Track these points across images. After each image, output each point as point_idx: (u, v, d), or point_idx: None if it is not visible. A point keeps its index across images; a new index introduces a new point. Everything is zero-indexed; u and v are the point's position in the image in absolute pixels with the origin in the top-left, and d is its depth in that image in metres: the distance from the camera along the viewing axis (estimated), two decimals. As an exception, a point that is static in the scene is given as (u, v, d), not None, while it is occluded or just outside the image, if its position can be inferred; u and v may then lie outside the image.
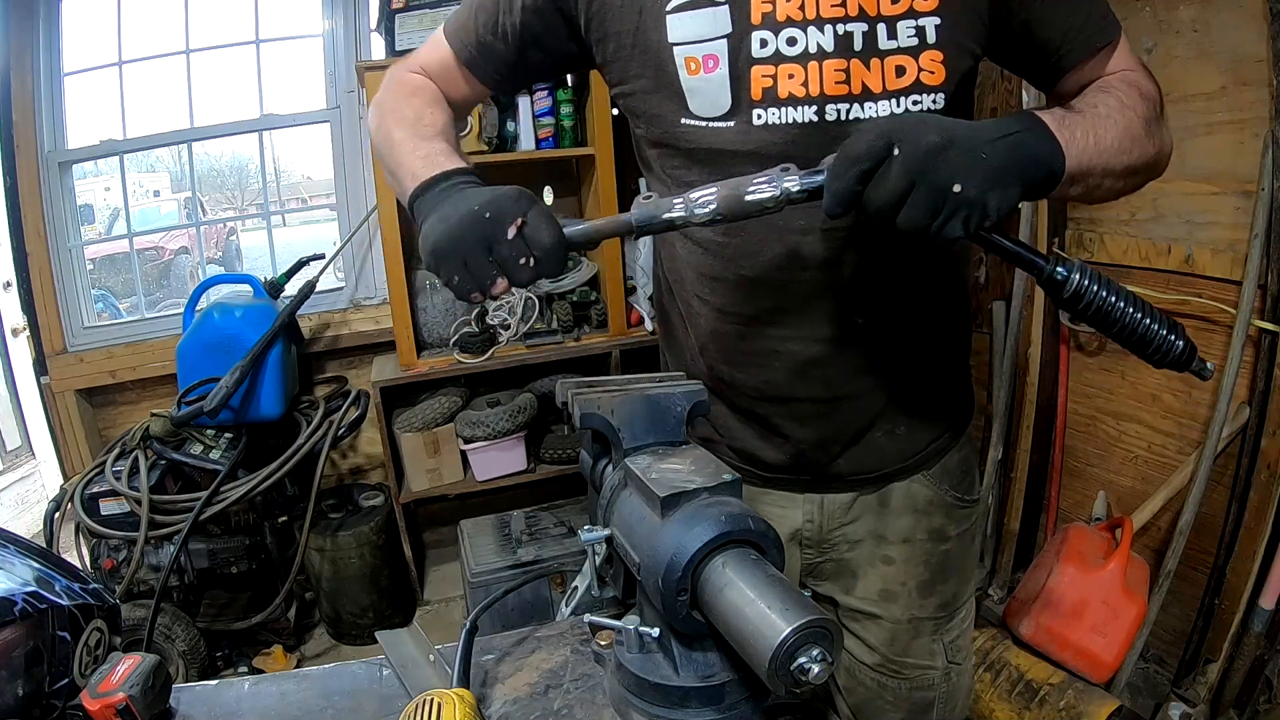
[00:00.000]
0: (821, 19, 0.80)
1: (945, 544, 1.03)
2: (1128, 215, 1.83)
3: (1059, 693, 1.60)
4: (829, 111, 0.81)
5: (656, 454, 0.74)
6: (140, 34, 2.60)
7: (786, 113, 0.82)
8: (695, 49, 0.83)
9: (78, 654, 0.83)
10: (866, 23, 0.79)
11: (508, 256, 0.72)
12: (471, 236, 0.71)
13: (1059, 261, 0.72)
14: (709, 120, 0.85)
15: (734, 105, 0.83)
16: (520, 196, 0.73)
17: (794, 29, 0.80)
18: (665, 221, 0.71)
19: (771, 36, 0.81)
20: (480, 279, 0.73)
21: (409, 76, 1.00)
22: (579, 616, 0.86)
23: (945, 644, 1.07)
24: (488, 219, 0.71)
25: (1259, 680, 1.64)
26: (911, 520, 1.01)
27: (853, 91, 0.81)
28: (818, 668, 0.53)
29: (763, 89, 0.82)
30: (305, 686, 0.84)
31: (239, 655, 2.31)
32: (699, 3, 0.82)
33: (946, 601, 1.06)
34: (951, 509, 1.03)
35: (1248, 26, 1.53)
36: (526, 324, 2.50)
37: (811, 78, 0.81)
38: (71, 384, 2.52)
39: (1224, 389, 1.62)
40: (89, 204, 5.04)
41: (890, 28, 0.79)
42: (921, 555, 1.02)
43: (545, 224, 0.72)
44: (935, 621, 1.05)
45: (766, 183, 0.70)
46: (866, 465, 0.98)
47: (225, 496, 2.11)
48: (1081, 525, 1.86)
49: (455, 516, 2.59)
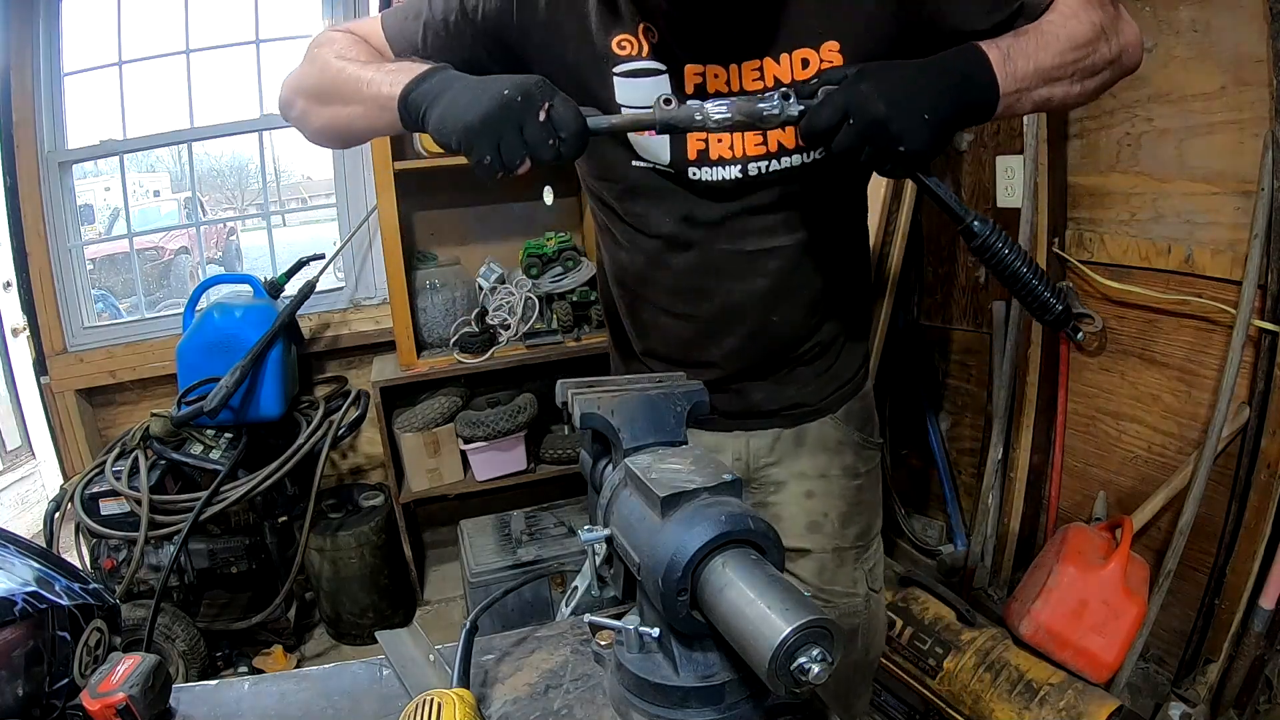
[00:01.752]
0: (745, 91, 0.91)
1: (857, 479, 1.19)
2: (1128, 215, 1.83)
3: (1059, 693, 1.60)
4: (751, 169, 0.95)
5: (656, 454, 0.74)
6: (140, 34, 2.60)
7: (717, 171, 0.95)
8: None
9: (78, 654, 0.83)
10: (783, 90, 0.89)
11: (538, 137, 0.77)
12: (505, 117, 0.76)
13: (978, 218, 0.85)
14: (655, 165, 0.97)
15: (674, 159, 0.96)
16: (543, 83, 0.79)
17: (723, 99, 0.89)
18: (685, 126, 0.81)
19: None
20: (510, 157, 0.77)
21: (339, 35, 1.01)
22: (579, 616, 0.87)
23: (865, 571, 1.23)
24: (520, 101, 0.76)
25: (1259, 680, 1.64)
26: (826, 458, 1.17)
27: (769, 150, 0.94)
28: (818, 668, 0.53)
29: (697, 151, 0.95)
30: (305, 686, 0.84)
31: (239, 655, 2.31)
32: (644, 71, 0.92)
33: (863, 532, 1.22)
34: (859, 448, 1.19)
35: (1248, 26, 1.53)
36: (526, 324, 2.50)
37: (736, 142, 0.94)
38: (71, 384, 2.52)
39: (1224, 389, 1.62)
40: (89, 204, 5.04)
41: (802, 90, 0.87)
42: (838, 490, 1.18)
43: (570, 110, 0.78)
44: (856, 550, 1.21)
45: (769, 104, 0.80)
46: (783, 399, 1.13)
47: (225, 496, 2.11)
48: (1081, 525, 1.86)
49: (455, 516, 2.59)
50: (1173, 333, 1.78)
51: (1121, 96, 1.80)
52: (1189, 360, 1.76)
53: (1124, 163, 1.83)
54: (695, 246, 1.01)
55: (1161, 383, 1.82)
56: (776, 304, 1.05)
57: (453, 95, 0.80)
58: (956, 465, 2.42)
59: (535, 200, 2.67)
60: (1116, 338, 1.91)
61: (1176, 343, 1.78)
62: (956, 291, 2.34)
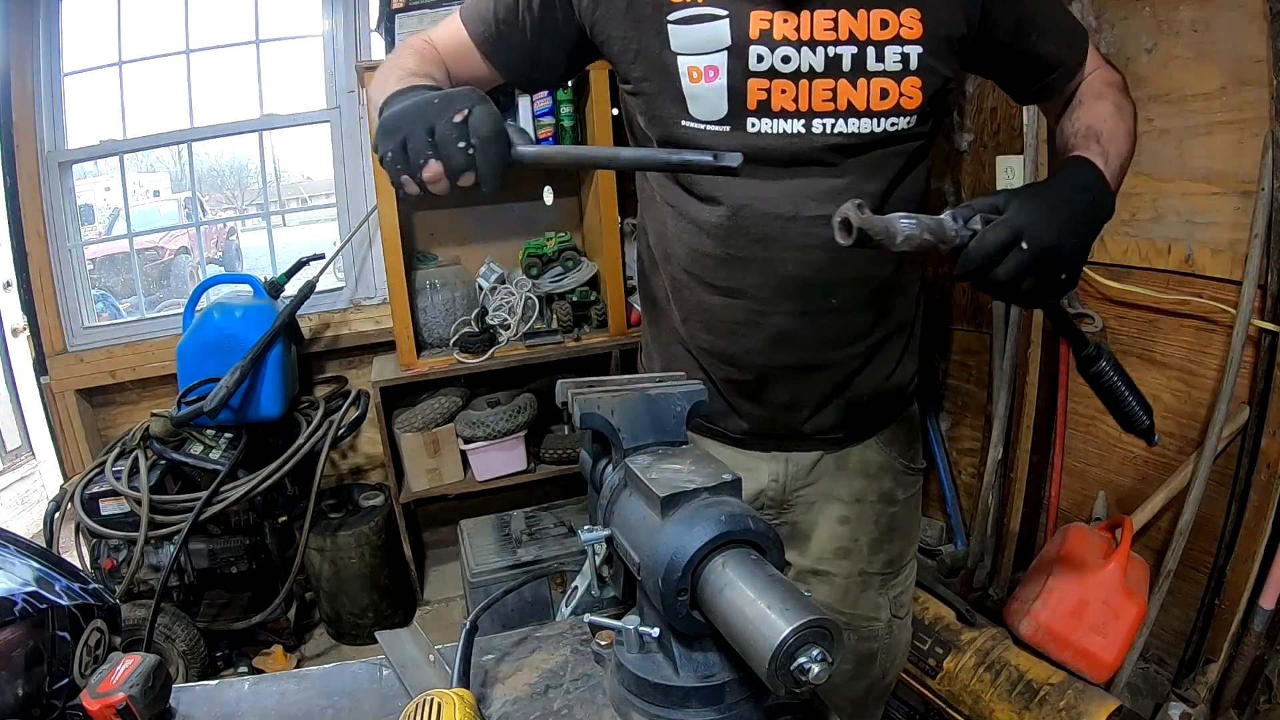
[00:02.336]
0: (815, 40, 0.87)
1: (894, 507, 1.15)
2: (1128, 215, 1.83)
3: (1059, 693, 1.60)
4: (815, 125, 0.90)
5: (656, 454, 0.74)
6: (140, 34, 2.60)
7: (778, 124, 0.90)
8: (697, 59, 0.89)
9: (78, 654, 0.83)
10: (856, 46, 0.87)
11: (447, 136, 0.72)
12: (416, 115, 0.74)
13: (1097, 347, 0.90)
14: (707, 124, 0.92)
15: (730, 112, 0.90)
16: (472, 92, 0.75)
17: (788, 48, 0.87)
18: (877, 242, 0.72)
19: (767, 53, 0.88)
20: (414, 158, 0.73)
21: (418, 41, 1.03)
22: (579, 616, 0.86)
23: (890, 598, 1.18)
24: (436, 103, 0.74)
25: (1259, 680, 1.64)
26: (864, 483, 1.12)
27: (838, 109, 0.89)
28: (818, 668, 0.53)
29: (757, 101, 0.89)
30: (305, 686, 0.84)
31: (239, 655, 2.31)
32: (701, 17, 0.88)
33: (893, 559, 1.17)
34: (899, 474, 1.15)
35: (1248, 26, 1.53)
36: (526, 324, 2.50)
37: (801, 94, 0.89)
38: (71, 384, 2.52)
39: (1224, 389, 1.62)
40: (89, 204, 5.04)
41: (879, 52, 0.87)
42: (872, 515, 1.13)
43: (490, 118, 0.73)
44: (883, 577, 1.16)
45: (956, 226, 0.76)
46: (830, 426, 1.08)
47: (225, 496, 2.11)
48: (1081, 525, 1.86)
49: (455, 516, 2.59)
50: (1173, 333, 1.78)
51: (1121, 96, 1.80)
52: (1189, 360, 1.76)
53: (1124, 163, 1.83)
54: (748, 209, 0.94)
55: (1161, 383, 1.82)
56: (834, 284, 0.97)
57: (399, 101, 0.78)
58: (956, 465, 2.42)
59: (535, 200, 2.67)
60: (1116, 338, 1.91)
61: (1176, 343, 1.78)
62: (957, 291, 2.34)
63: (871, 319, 1.03)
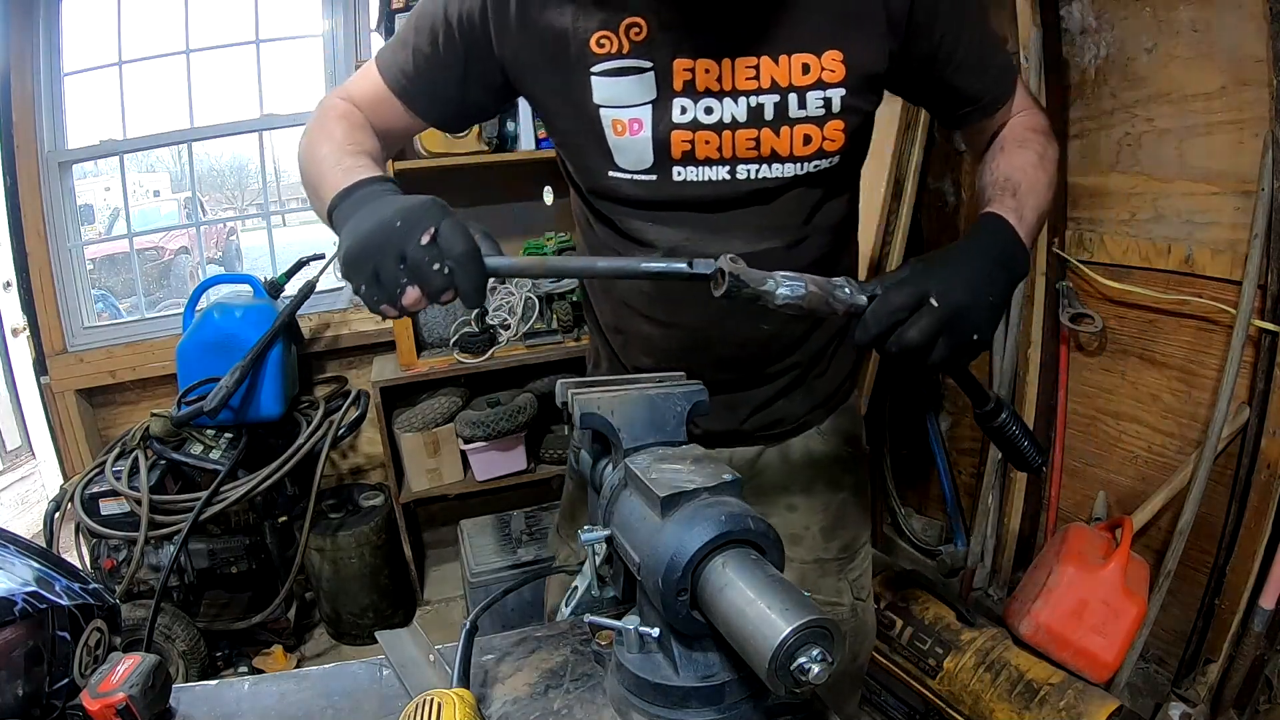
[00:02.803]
0: (737, 90, 0.87)
1: (842, 492, 1.17)
2: (1128, 215, 1.83)
3: (1059, 693, 1.60)
4: (740, 171, 0.91)
5: (656, 454, 0.74)
6: (140, 34, 2.60)
7: (703, 171, 0.91)
8: (621, 112, 0.89)
9: (78, 654, 0.83)
10: (779, 94, 0.87)
11: (420, 261, 0.70)
12: (381, 244, 0.71)
13: (997, 400, 0.92)
14: (634, 173, 0.93)
15: (656, 162, 0.91)
16: (433, 205, 0.72)
17: (711, 99, 0.88)
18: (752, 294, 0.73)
19: (691, 104, 0.88)
20: (390, 287, 0.71)
21: (337, 102, 0.99)
22: (579, 616, 0.86)
23: (850, 581, 1.20)
24: (398, 227, 0.70)
25: (1259, 680, 1.64)
26: (810, 472, 1.15)
27: (762, 155, 0.90)
28: (818, 668, 0.53)
29: (682, 151, 0.90)
30: (305, 686, 0.84)
31: (239, 655, 2.31)
32: (625, 69, 0.88)
33: (847, 544, 1.19)
34: (845, 460, 1.17)
35: (1248, 26, 1.52)
36: (526, 324, 2.50)
37: (725, 143, 0.89)
38: (71, 384, 2.52)
39: (1224, 389, 1.62)
40: (89, 204, 5.04)
41: (801, 99, 0.87)
42: (820, 504, 1.15)
43: (459, 234, 0.71)
44: (839, 562, 1.18)
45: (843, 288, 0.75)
46: (769, 423, 1.11)
47: (225, 496, 2.11)
48: (1081, 525, 1.86)
49: (455, 516, 2.59)
50: (1173, 333, 1.78)
51: (1121, 97, 1.80)
52: (1189, 360, 1.76)
53: (1124, 163, 1.83)
54: (680, 250, 0.96)
55: (1161, 383, 1.82)
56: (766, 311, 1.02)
57: (355, 220, 0.75)
58: (956, 465, 2.42)
59: (535, 200, 2.67)
60: (1116, 338, 1.91)
61: (1176, 343, 1.78)
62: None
63: (806, 328, 1.06)
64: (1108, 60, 1.82)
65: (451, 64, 0.94)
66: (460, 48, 0.93)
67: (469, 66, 0.94)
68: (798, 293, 0.73)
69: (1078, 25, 1.87)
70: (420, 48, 0.95)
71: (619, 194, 0.95)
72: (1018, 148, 0.95)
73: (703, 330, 1.01)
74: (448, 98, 0.97)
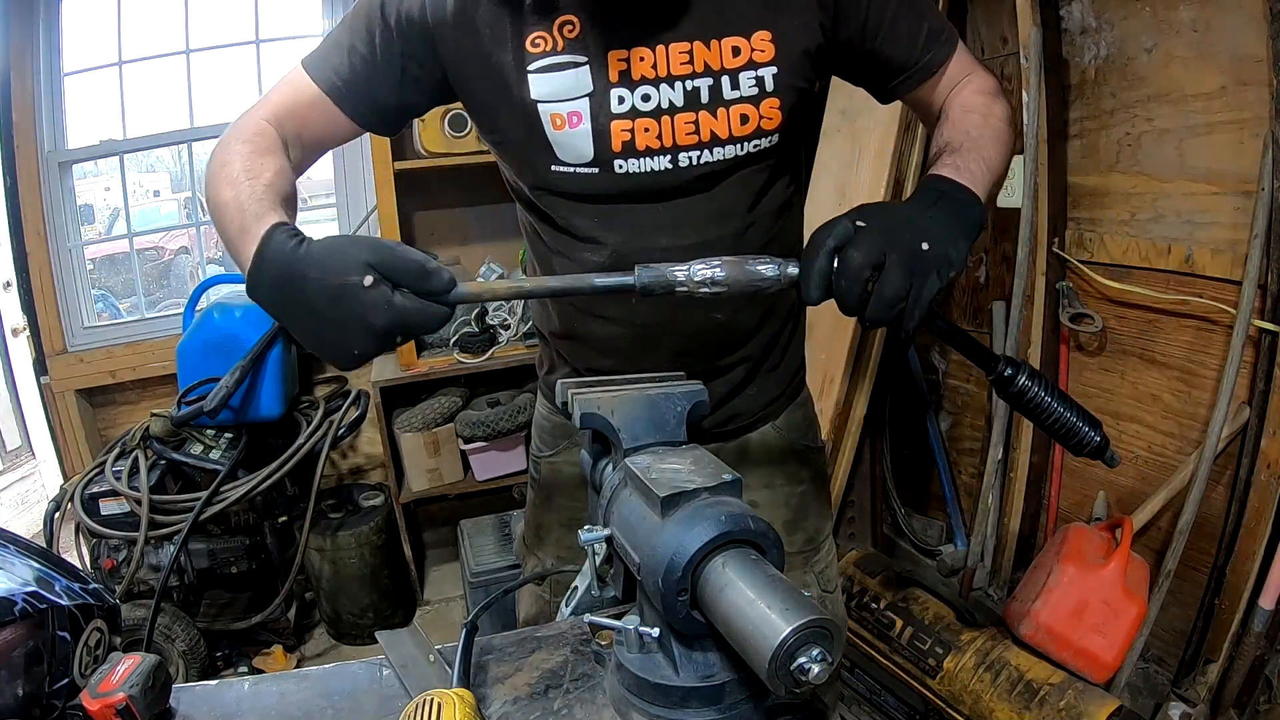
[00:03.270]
0: (672, 75, 0.89)
1: (802, 485, 1.18)
2: (1128, 215, 1.83)
3: (1059, 693, 1.60)
4: (681, 159, 0.92)
5: (656, 454, 0.74)
6: (140, 34, 2.60)
7: (645, 162, 0.91)
8: (560, 106, 0.90)
9: (78, 654, 0.83)
10: (712, 77, 0.89)
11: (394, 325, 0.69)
12: (348, 338, 0.69)
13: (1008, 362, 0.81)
14: (576, 167, 0.93)
15: (597, 155, 0.91)
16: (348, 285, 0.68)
17: (648, 86, 0.89)
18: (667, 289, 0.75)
19: (628, 93, 0.89)
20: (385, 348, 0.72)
21: (244, 124, 0.92)
22: (579, 616, 0.86)
23: (817, 574, 1.22)
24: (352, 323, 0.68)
25: (1259, 680, 1.64)
26: (769, 467, 1.16)
27: (701, 140, 0.91)
28: (818, 668, 0.53)
29: (622, 142, 0.90)
30: (305, 686, 0.84)
31: (239, 655, 2.31)
32: (561, 65, 0.89)
33: (810, 536, 1.21)
34: (802, 454, 1.18)
35: (1248, 26, 1.52)
36: (526, 324, 2.50)
37: (665, 130, 0.90)
38: (71, 384, 2.52)
39: (1224, 389, 1.62)
40: (89, 204, 5.03)
41: (733, 80, 0.89)
42: (781, 498, 1.17)
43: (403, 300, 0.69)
44: (804, 555, 1.20)
45: (769, 265, 0.76)
46: (725, 420, 1.12)
47: (225, 496, 2.12)
48: (1081, 525, 1.86)
49: (455, 516, 2.59)
50: (1173, 333, 1.78)
51: (1121, 97, 1.80)
52: (1189, 360, 1.76)
53: (1124, 163, 1.83)
54: (628, 244, 0.96)
55: (1161, 383, 1.82)
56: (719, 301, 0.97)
57: (301, 323, 0.71)
58: (956, 465, 2.42)
59: (535, 200, 2.67)
60: (1116, 338, 1.91)
61: (1176, 343, 1.78)
62: (956, 291, 2.34)
63: (758, 317, 1.07)
64: (1108, 60, 1.82)
65: (388, 65, 0.93)
66: (398, 48, 0.92)
67: (406, 68, 0.93)
68: (717, 275, 0.74)
69: (1078, 25, 1.87)
70: (356, 48, 0.93)
71: (562, 190, 0.95)
72: (962, 113, 0.95)
73: (657, 324, 1.01)
74: (383, 100, 0.95)
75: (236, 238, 0.79)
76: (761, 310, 1.07)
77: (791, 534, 1.18)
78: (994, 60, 2.06)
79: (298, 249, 0.71)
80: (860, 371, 2.22)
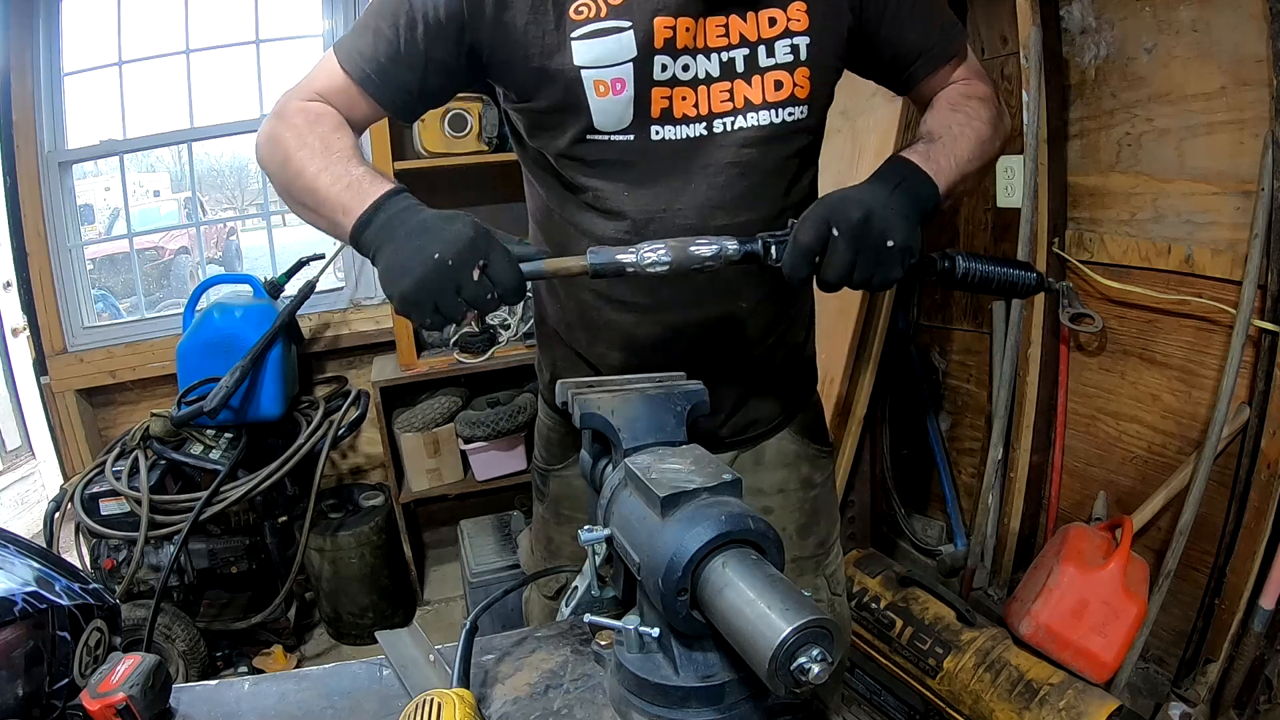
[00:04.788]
0: (709, 47, 0.91)
1: (814, 490, 1.19)
2: (1128, 215, 1.83)
3: (1059, 693, 1.60)
4: (716, 125, 0.93)
5: (656, 454, 0.74)
6: (140, 34, 2.60)
7: (680, 129, 0.93)
8: (604, 73, 0.90)
9: (78, 654, 0.83)
10: (748, 48, 0.91)
11: (475, 294, 0.78)
12: (439, 284, 0.77)
13: (943, 256, 0.89)
14: (612, 134, 0.93)
15: (635, 121, 0.92)
16: (477, 239, 0.78)
17: (688, 56, 0.90)
18: (619, 266, 0.81)
19: (670, 61, 0.90)
20: (451, 317, 0.79)
21: (306, 105, 0.96)
22: (579, 616, 0.86)
23: (827, 577, 1.22)
24: (451, 266, 0.76)
25: (1259, 680, 1.64)
26: (784, 473, 1.16)
27: (736, 106, 0.93)
28: (818, 668, 0.53)
29: (660, 109, 0.92)
30: (305, 686, 0.84)
31: (239, 655, 2.31)
32: (605, 30, 0.89)
33: (822, 540, 1.21)
34: (814, 459, 1.19)
35: (1248, 26, 1.52)
36: (526, 324, 2.50)
37: (701, 99, 0.92)
38: (71, 384, 2.52)
39: (1224, 389, 1.62)
40: (89, 204, 5.04)
41: (769, 48, 0.92)
42: (795, 502, 1.17)
43: (505, 264, 0.78)
44: (815, 559, 1.21)
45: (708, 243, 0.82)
46: (743, 427, 1.12)
47: (225, 496, 2.12)
48: (1081, 525, 1.86)
49: (455, 516, 2.59)
50: (1173, 333, 1.78)
51: (1121, 97, 1.80)
52: (1189, 360, 1.76)
53: (1124, 163, 1.83)
54: (655, 222, 0.95)
55: (1161, 383, 1.83)
56: (742, 288, 1.00)
57: (392, 250, 0.80)
58: (956, 465, 2.42)
59: (535, 200, 2.67)
60: (1116, 338, 1.91)
61: (1176, 343, 1.78)
62: (957, 291, 2.34)
63: (778, 308, 1.08)
64: (1108, 60, 1.82)
65: (417, 52, 0.93)
66: (430, 35, 0.92)
67: (431, 54, 0.93)
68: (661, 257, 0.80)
69: (1078, 25, 1.87)
70: (386, 35, 0.93)
71: (592, 158, 0.95)
72: (948, 109, 0.98)
73: (682, 310, 1.01)
74: (410, 86, 0.96)
75: (335, 195, 0.85)
76: (782, 301, 1.07)
77: (804, 538, 1.18)
78: (994, 60, 2.06)
79: (427, 219, 0.80)
80: (861, 371, 2.22)
